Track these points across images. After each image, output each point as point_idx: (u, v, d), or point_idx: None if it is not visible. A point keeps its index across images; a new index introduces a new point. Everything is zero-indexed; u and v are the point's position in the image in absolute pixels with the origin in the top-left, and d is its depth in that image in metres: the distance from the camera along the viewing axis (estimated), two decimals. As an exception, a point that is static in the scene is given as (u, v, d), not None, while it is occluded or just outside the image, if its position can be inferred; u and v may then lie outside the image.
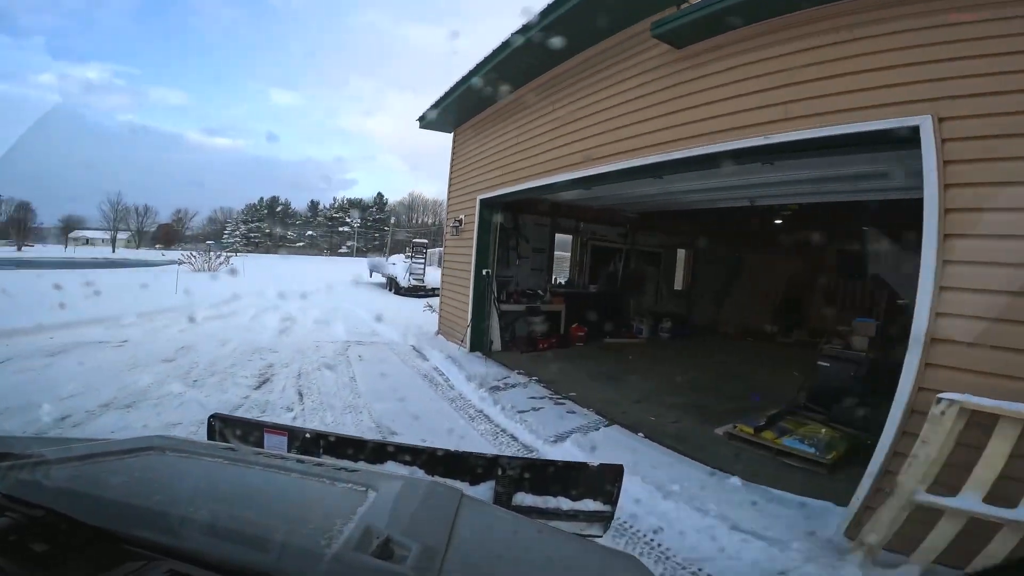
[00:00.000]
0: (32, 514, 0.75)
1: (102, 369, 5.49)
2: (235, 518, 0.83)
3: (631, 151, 4.84)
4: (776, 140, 3.54)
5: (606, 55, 5.28)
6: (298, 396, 5.23)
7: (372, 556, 0.73)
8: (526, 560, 0.96)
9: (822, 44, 3.32)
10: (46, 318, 7.69)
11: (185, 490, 0.94)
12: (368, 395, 5.42)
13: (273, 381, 5.66)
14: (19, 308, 8.10)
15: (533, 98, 6.65)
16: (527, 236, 9.59)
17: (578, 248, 10.93)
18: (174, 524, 0.77)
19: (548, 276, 10.18)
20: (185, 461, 1.11)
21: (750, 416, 4.73)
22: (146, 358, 6.20)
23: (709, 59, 4.07)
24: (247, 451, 1.23)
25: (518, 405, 5.45)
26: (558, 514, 1.46)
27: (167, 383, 5.21)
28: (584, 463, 1.54)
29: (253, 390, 5.28)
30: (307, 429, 1.58)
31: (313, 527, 0.80)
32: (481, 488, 1.48)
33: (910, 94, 2.85)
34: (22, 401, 4.25)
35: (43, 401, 4.33)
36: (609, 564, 1.06)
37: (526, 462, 1.53)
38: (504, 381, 6.44)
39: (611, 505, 1.48)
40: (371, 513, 0.86)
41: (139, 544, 0.74)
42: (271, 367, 6.23)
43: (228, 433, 1.55)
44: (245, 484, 1.04)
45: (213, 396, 4.90)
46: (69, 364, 5.64)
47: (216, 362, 6.23)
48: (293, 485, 1.01)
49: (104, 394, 4.71)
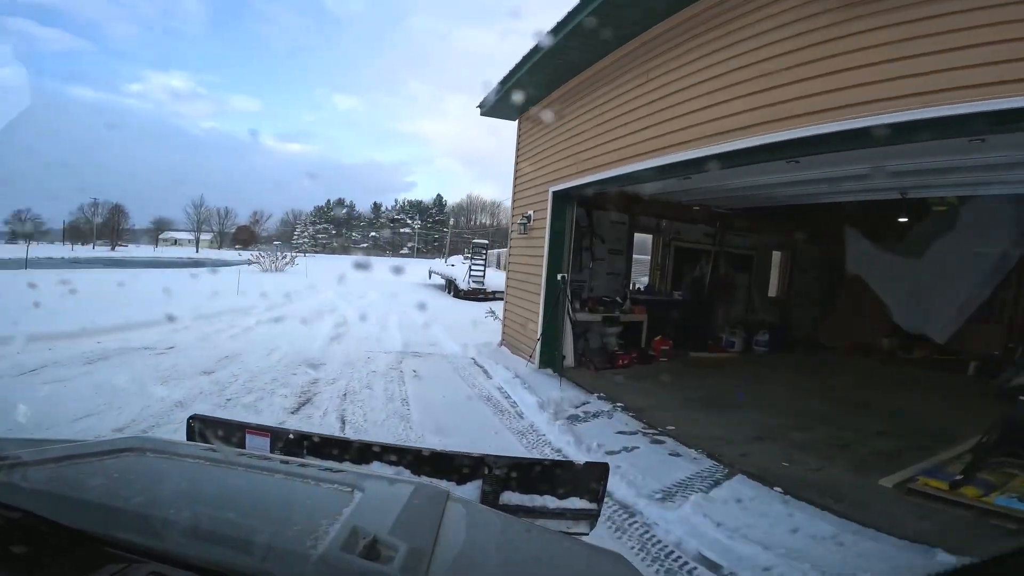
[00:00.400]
0: (9, 516, 0.74)
1: (134, 382, 4.91)
2: (219, 520, 0.82)
3: (759, 125, 3.59)
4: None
5: (727, 4, 4.03)
6: (340, 423, 4.39)
7: (359, 557, 0.72)
8: (513, 559, 0.97)
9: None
10: (105, 319, 7.46)
11: (167, 491, 0.93)
12: (422, 424, 4.48)
13: (314, 402, 4.86)
14: (81, 309, 7.96)
15: (620, 68, 5.50)
16: (602, 235, 8.41)
17: (659, 249, 9.60)
18: (156, 526, 0.76)
19: (625, 281, 8.94)
20: (166, 462, 1.09)
21: (912, 459, 3.68)
22: (185, 369, 5.62)
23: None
24: (229, 452, 1.20)
25: (605, 443, 4.33)
26: (545, 512, 1.48)
27: (197, 402, 4.53)
28: (570, 461, 1.58)
29: (290, 414, 4.49)
30: (290, 430, 1.53)
31: (298, 528, 0.79)
32: (468, 487, 1.48)
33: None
34: (29, 421, 3.65)
35: (53, 421, 3.73)
36: (595, 562, 1.07)
37: (512, 461, 1.53)
38: (583, 408, 5.33)
39: (597, 503, 1.50)
40: (357, 514, 0.84)
41: (120, 546, 0.73)
42: (315, 384, 5.46)
43: (209, 434, 1.50)
44: (228, 485, 1.02)
45: (244, 421, 4.13)
46: (101, 375, 5.12)
47: (257, 376, 5.54)
48: (277, 486, 1.00)
49: (124, 415, 4.06)
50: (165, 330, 7.74)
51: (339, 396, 5.16)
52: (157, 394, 4.65)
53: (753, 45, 3.78)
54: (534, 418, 4.99)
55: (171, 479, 1.00)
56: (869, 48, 2.98)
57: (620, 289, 8.60)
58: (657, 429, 4.79)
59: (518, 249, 7.77)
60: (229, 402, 4.67)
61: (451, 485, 1.44)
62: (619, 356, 7.28)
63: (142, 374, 5.25)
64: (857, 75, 3.03)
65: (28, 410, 3.87)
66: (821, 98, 3.24)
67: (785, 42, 3.53)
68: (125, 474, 0.96)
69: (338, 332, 8.81)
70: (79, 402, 4.24)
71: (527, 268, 7.35)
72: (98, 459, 1.00)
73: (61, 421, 3.78)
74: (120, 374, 5.18)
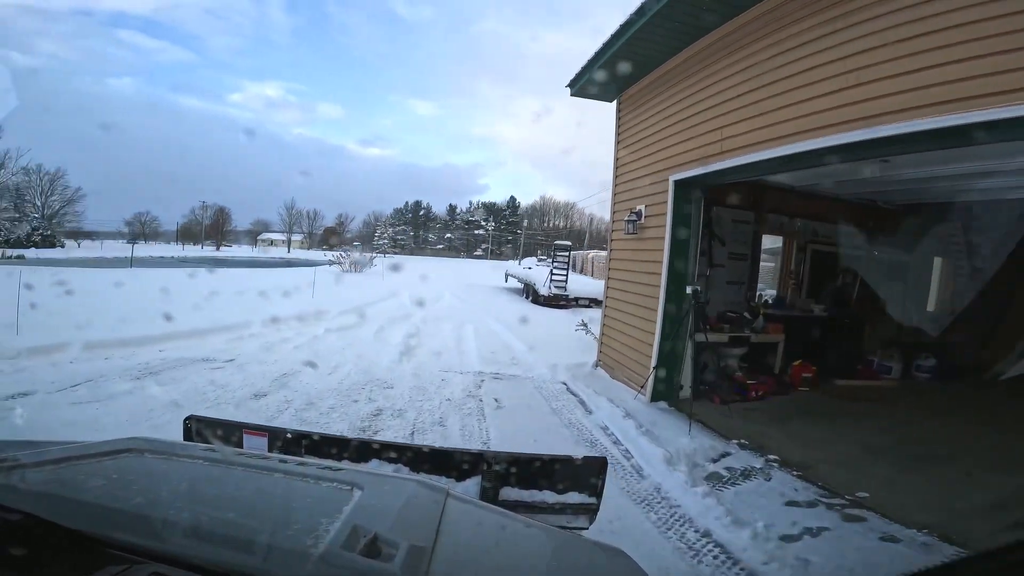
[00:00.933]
0: (8, 518, 0.73)
1: (175, 406, 4.15)
2: (219, 520, 0.82)
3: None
4: None
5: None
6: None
7: (359, 555, 0.72)
8: (513, 556, 0.95)
9: None
10: (175, 325, 7.07)
11: (166, 492, 0.92)
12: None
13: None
14: (155, 313, 7.66)
15: (767, 24, 4.02)
16: (721, 236, 6.83)
17: (792, 254, 7.79)
18: (156, 526, 0.76)
19: (750, 292, 7.26)
20: (165, 463, 1.09)
21: None
22: (236, 389, 4.84)
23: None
24: (228, 452, 1.21)
25: (774, 520, 2.99)
26: (544, 508, 1.47)
27: (237, 440, 3.64)
28: (569, 456, 1.56)
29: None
30: (288, 429, 1.53)
31: (299, 527, 0.78)
32: (467, 484, 1.46)
33: None
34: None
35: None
36: (597, 558, 1.05)
37: (512, 457, 1.53)
38: (724, 464, 3.90)
39: (596, 497, 1.49)
40: (357, 512, 0.85)
41: (121, 547, 0.73)
42: (378, 416, 4.44)
43: (207, 434, 1.49)
44: (228, 485, 1.02)
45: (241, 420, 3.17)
46: (142, 396, 4.43)
47: (313, 403, 4.62)
48: (277, 485, 0.99)
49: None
50: (231, 337, 7.21)
51: (407, 434, 4.11)
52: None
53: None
54: (661, 478, 3.64)
55: (170, 479, 1.00)
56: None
57: (743, 302, 6.95)
58: (843, 497, 3.33)
59: (623, 252, 6.36)
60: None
61: (451, 482, 1.45)
62: (751, 386, 5.68)
63: (188, 396, 4.51)
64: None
65: (34, 438, 3.18)
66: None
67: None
68: (124, 475, 0.96)
69: (409, 344, 7.90)
70: (99, 431, 3.47)
71: (636, 276, 5.94)
72: (97, 460, 0.99)
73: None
74: (164, 394, 4.47)
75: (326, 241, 64.85)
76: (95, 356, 5.45)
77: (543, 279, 14.76)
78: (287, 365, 5.87)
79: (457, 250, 68.76)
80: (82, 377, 4.74)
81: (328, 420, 4.23)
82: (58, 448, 1.01)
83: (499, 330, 9.77)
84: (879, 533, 2.87)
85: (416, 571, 0.72)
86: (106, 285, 10.67)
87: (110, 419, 3.82)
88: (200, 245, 56.93)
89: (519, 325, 10.15)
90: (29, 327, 5.90)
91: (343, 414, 4.40)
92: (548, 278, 14.19)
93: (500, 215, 71.23)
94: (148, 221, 58.07)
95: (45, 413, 3.87)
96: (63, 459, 0.94)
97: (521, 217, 69.96)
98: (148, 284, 11.81)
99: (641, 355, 5.59)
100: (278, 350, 6.72)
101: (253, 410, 4.32)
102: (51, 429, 3.48)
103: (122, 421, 3.77)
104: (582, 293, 14.39)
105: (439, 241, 70.25)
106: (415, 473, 1.43)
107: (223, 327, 7.65)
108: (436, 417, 4.55)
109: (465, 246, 69.76)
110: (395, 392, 5.17)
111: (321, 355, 6.49)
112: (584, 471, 1.52)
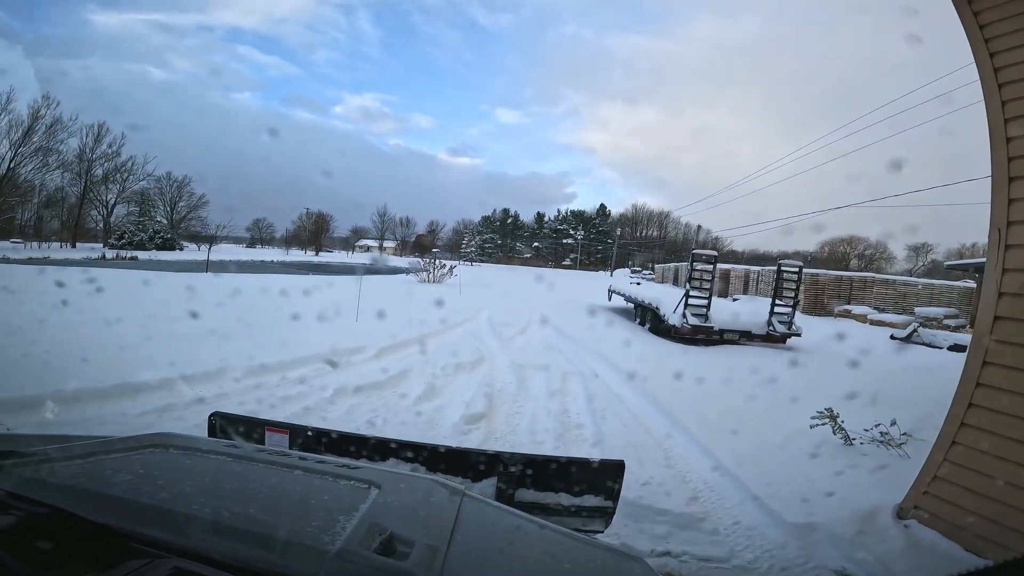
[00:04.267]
0: (37, 512, 0.76)
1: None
2: (239, 515, 0.84)
3: None
4: None
5: None
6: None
7: (375, 553, 0.73)
8: (527, 558, 0.96)
9: None
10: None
11: (189, 487, 0.93)
12: None
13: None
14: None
15: None
16: None
17: None
18: (178, 522, 0.78)
19: None
20: (189, 458, 1.10)
21: None
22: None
23: None
24: (250, 448, 1.24)
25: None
26: (559, 510, 1.48)
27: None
28: (586, 459, 1.61)
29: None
30: (309, 427, 1.57)
31: (316, 524, 0.81)
32: (483, 484, 1.47)
33: None
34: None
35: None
36: (613, 564, 1.03)
37: (528, 458, 1.53)
38: None
39: (613, 501, 1.50)
40: (374, 510, 0.87)
41: (143, 542, 0.74)
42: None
43: (230, 431, 1.51)
44: (248, 481, 1.03)
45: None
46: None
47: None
48: (296, 482, 1.03)
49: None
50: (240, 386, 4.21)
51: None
52: None
53: None
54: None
55: (193, 475, 1.02)
56: None
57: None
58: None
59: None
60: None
61: (467, 482, 1.48)
62: None
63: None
64: None
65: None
66: None
67: None
68: (150, 469, 0.99)
69: (474, 421, 4.38)
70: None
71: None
72: (123, 455, 1.03)
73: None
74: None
75: (417, 248, 64.84)
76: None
77: (670, 301, 10.60)
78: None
79: (545, 259, 65.50)
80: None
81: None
82: (86, 443, 1.05)
83: (627, 394, 5.88)
84: None
85: (430, 570, 0.74)
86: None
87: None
88: (304, 250, 59.16)
89: (662, 386, 6.06)
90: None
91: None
92: (682, 302, 9.97)
93: (590, 223, 67.02)
94: (265, 227, 61.71)
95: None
96: (91, 454, 0.99)
97: (612, 226, 65.20)
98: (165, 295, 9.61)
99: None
100: (277, 410, 3.48)
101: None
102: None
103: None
104: (730, 324, 10.04)
105: (527, 250, 67.57)
106: (432, 473, 1.45)
107: (225, 368, 4.75)
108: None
109: (553, 255, 66.35)
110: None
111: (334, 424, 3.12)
112: (601, 474, 1.53)
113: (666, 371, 6.86)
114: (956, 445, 2.77)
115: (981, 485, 2.58)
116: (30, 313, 6.63)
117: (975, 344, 2.80)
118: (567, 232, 67.33)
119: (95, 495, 0.83)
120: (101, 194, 43.19)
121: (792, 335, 10.07)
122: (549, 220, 69.84)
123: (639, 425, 4.92)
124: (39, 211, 40.44)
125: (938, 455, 2.85)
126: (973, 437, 2.69)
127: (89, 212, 43.18)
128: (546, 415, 4.84)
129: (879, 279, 20.78)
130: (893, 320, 15.70)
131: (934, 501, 2.83)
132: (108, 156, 41.92)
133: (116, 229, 41.95)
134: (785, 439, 4.26)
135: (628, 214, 68.34)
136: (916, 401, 4.50)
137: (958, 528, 2.64)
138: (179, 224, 49.05)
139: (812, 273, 18.97)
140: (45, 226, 40.28)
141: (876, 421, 4.04)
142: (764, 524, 3.04)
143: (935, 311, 16.55)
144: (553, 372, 6.61)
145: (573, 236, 66.36)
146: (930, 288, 19.46)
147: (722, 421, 4.73)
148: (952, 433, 2.81)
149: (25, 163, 35.61)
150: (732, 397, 5.81)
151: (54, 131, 36.06)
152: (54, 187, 40.06)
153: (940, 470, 2.82)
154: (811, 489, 3.36)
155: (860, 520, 3.00)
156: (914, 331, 12.47)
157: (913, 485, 2.96)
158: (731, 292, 21.23)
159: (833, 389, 4.91)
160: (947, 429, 2.85)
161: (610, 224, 66.46)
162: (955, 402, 2.86)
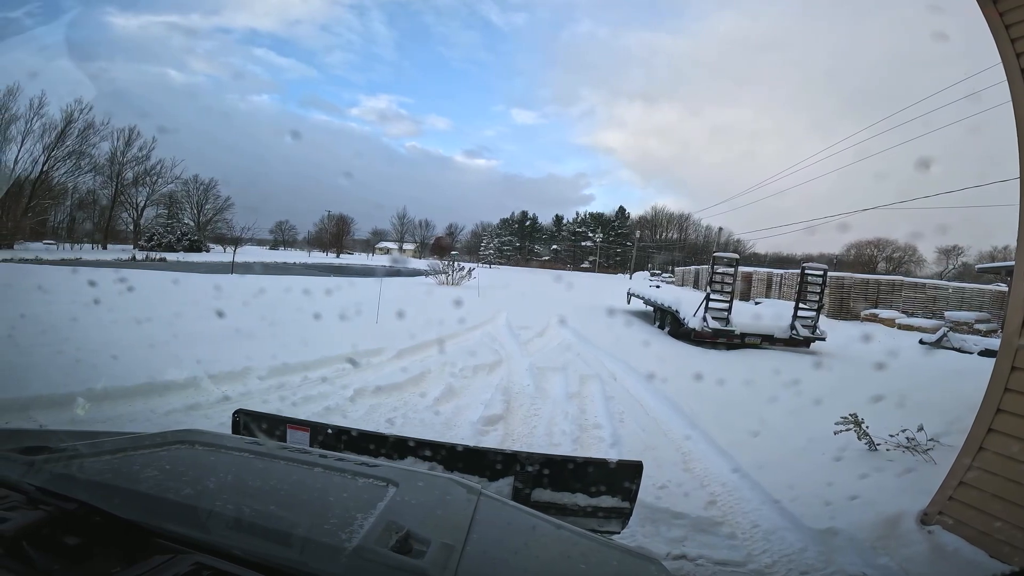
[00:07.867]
0: (65, 507, 0.77)
1: None
2: (260, 512, 0.85)
3: None
4: None
5: None
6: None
7: (391, 551, 0.74)
8: (543, 559, 0.96)
9: None
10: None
11: (212, 484, 0.96)
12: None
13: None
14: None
15: None
16: None
17: None
18: (202, 518, 0.80)
19: None
20: (214, 455, 1.12)
21: None
22: None
23: None
24: (272, 445, 1.25)
25: None
26: (576, 510, 1.48)
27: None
28: (604, 460, 1.60)
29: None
30: (329, 425, 1.59)
31: (335, 521, 0.82)
32: (500, 484, 1.48)
33: None
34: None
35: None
36: (628, 565, 1.02)
37: (545, 458, 1.54)
38: None
39: (630, 502, 1.50)
40: (391, 508, 0.89)
41: (167, 537, 0.76)
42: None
43: (253, 427, 1.57)
44: (270, 478, 1.04)
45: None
46: None
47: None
48: (316, 479, 1.05)
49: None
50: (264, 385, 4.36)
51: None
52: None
53: None
54: None
55: (217, 471, 1.04)
56: None
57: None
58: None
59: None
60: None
61: (483, 481, 1.49)
62: None
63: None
64: None
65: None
66: None
67: None
68: (176, 466, 1.01)
69: (492, 423, 4.41)
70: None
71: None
72: (150, 451, 1.04)
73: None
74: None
75: (436, 250, 65.21)
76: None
77: (689, 304, 10.49)
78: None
79: (563, 262, 65.25)
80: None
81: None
82: (115, 440, 1.07)
83: (653, 404, 5.83)
84: None
85: (446, 569, 0.74)
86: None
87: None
88: (326, 252, 60.01)
89: (687, 394, 5.99)
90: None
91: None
92: (702, 305, 9.86)
93: (608, 226, 66.54)
94: (287, 229, 62.91)
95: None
96: (120, 450, 1.01)
97: (631, 228, 64.65)
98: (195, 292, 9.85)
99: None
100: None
101: None
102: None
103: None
104: (751, 328, 9.88)
105: (545, 252, 67.38)
106: (449, 472, 1.45)
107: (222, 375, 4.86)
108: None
109: (572, 258, 66.05)
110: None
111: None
112: (619, 475, 1.52)
113: (685, 373, 6.80)
114: (984, 451, 2.70)
115: (1009, 491, 2.51)
116: (63, 312, 6.91)
117: (1004, 349, 2.73)
118: (585, 235, 66.94)
119: (122, 491, 0.84)
120: (132, 196, 44.52)
121: (816, 339, 9.86)
122: (567, 222, 69.53)
123: (657, 427, 4.89)
124: (72, 213, 42.01)
125: (965, 460, 2.78)
126: (1001, 443, 2.62)
127: (120, 214, 44.55)
128: (563, 417, 4.85)
129: (908, 282, 20.19)
130: (922, 324, 15.24)
131: (960, 507, 2.76)
132: (139, 159, 43.28)
133: (146, 231, 43.21)
134: (807, 443, 4.19)
135: (647, 216, 67.73)
136: (944, 406, 4.39)
137: (984, 534, 2.57)
138: (206, 226, 50.27)
139: (838, 276, 18.53)
140: (77, 228, 41.79)
141: (902, 426, 3.95)
142: (783, 528, 3.00)
143: (966, 315, 16.01)
144: (571, 374, 6.61)
145: (592, 239, 65.96)
146: (961, 292, 18.85)
147: (742, 424, 4.67)
148: (980, 438, 2.74)
149: (58, 166, 36.91)
150: (753, 400, 5.73)
151: (86, 135, 37.32)
152: (86, 190, 41.50)
153: (967, 476, 2.75)
154: (833, 494, 3.30)
155: (883, 525, 2.94)
156: (944, 335, 12.09)
157: (939, 490, 2.90)
158: (753, 295, 20.83)
159: (858, 394, 4.81)
160: (975, 434, 2.78)
161: (629, 226, 65.90)
162: (983, 407, 2.79)
